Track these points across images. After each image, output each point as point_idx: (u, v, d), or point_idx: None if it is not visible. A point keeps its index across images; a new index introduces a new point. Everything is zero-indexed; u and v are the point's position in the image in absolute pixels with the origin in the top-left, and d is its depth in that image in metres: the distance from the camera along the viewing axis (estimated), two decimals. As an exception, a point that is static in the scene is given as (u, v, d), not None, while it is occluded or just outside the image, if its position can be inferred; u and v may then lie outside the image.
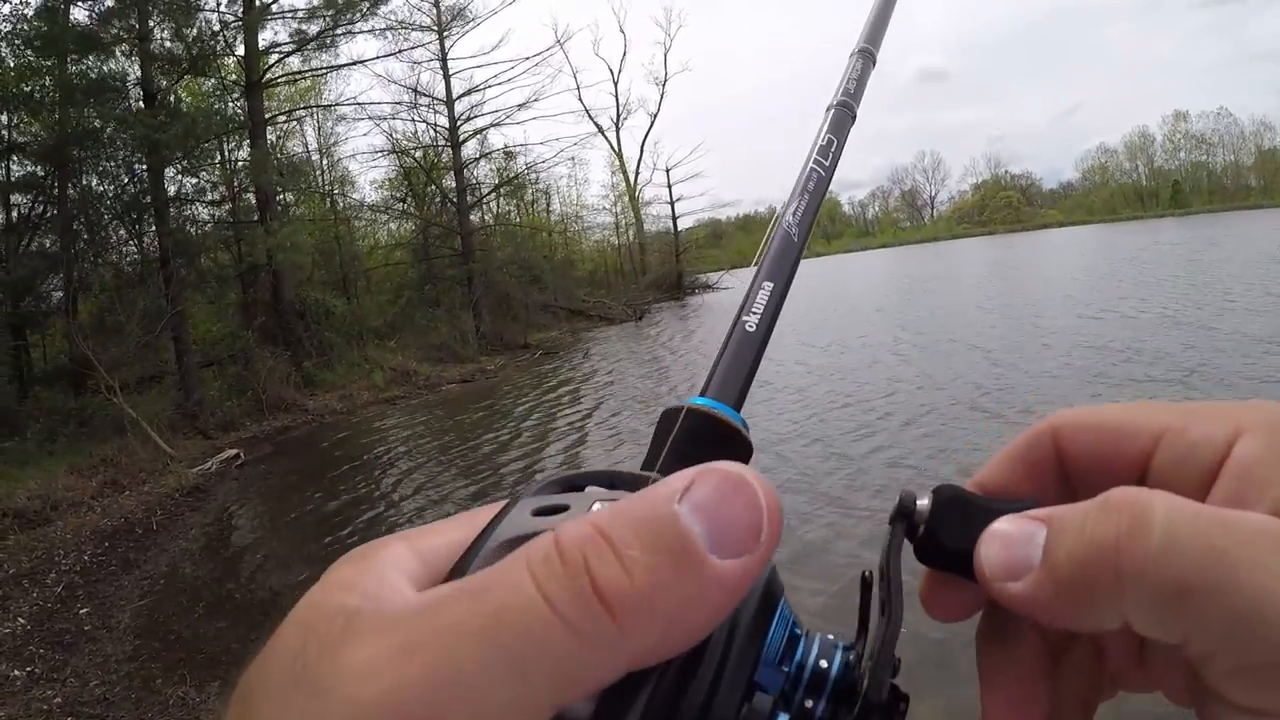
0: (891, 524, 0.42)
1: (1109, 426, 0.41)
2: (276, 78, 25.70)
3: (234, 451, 15.14)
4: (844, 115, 0.74)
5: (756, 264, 0.56)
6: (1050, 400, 11.29)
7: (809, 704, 0.35)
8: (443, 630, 0.28)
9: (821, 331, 21.47)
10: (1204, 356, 12.57)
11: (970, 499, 0.41)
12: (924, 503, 0.42)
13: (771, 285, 0.53)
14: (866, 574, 0.42)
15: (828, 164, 0.66)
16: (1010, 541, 0.36)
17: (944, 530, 0.41)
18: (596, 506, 0.35)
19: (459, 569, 0.34)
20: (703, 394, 0.48)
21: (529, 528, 0.35)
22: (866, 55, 0.85)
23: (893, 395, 13.00)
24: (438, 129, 34.39)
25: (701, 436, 0.45)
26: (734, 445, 0.46)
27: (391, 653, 0.27)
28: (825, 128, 0.72)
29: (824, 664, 0.36)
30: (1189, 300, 18.37)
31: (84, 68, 18.83)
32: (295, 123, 31.22)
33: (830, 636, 0.37)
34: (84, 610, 8.53)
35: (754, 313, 0.51)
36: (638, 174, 57.49)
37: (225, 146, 23.80)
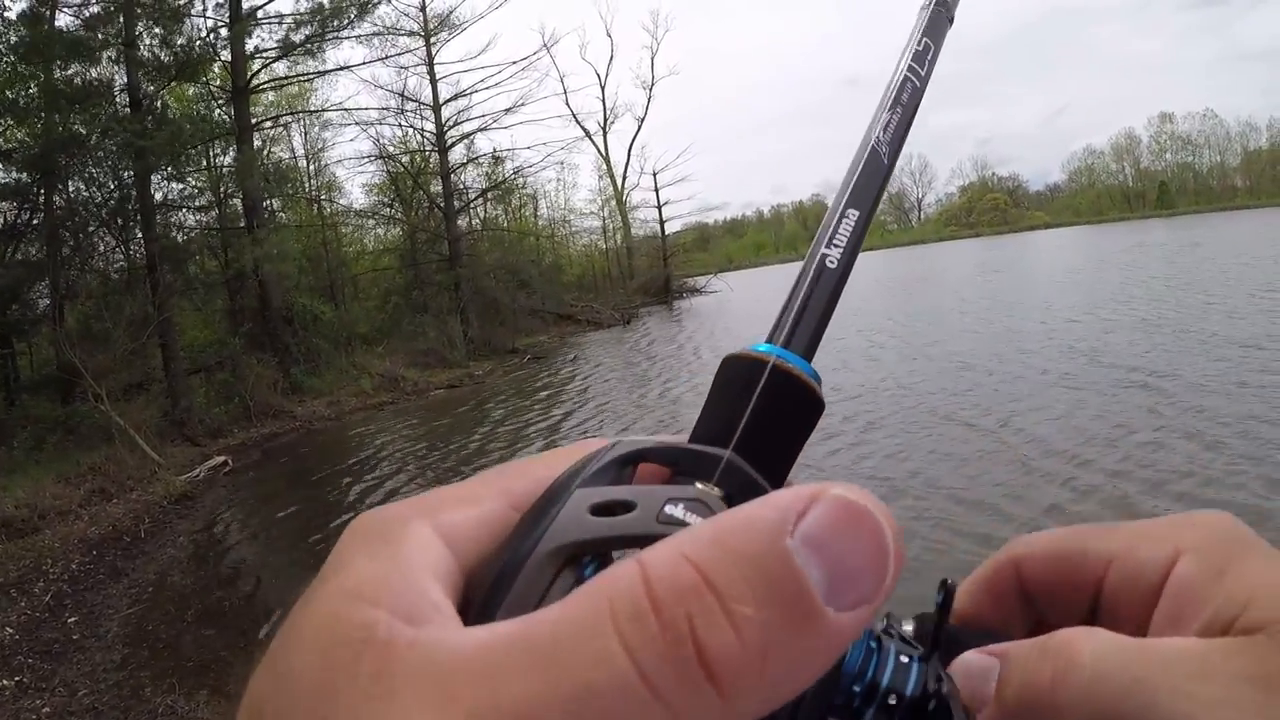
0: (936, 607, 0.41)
1: (1064, 555, 0.43)
2: (263, 83, 25.66)
3: (222, 458, 15.12)
4: (940, 16, 0.66)
5: (841, 190, 0.47)
6: (1015, 405, 11.50)
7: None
8: (512, 712, 0.22)
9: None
10: (1173, 361, 12.80)
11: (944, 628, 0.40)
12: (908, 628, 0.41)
13: (857, 213, 0.45)
14: (949, 581, 0.40)
15: (923, 72, 0.58)
16: (970, 675, 0.39)
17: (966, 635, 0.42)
18: (670, 510, 0.30)
19: (501, 582, 0.30)
20: (771, 340, 0.39)
21: (591, 533, 0.30)
22: None
23: (858, 398, 13.20)
24: (425, 134, 34.39)
25: (774, 397, 0.36)
26: (812, 411, 0.37)
27: (460, 684, 0.23)
28: (920, 30, 0.64)
29: (897, 684, 0.36)
30: (1167, 304, 18.61)
31: (70, 74, 18.78)
32: (282, 128, 31.22)
33: (904, 660, 0.37)
34: (72, 619, 8.50)
35: (836, 245, 0.42)
36: (625, 178, 57.71)
37: (211, 152, 23.77)
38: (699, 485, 0.32)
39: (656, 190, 53.07)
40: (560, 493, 0.32)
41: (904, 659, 0.36)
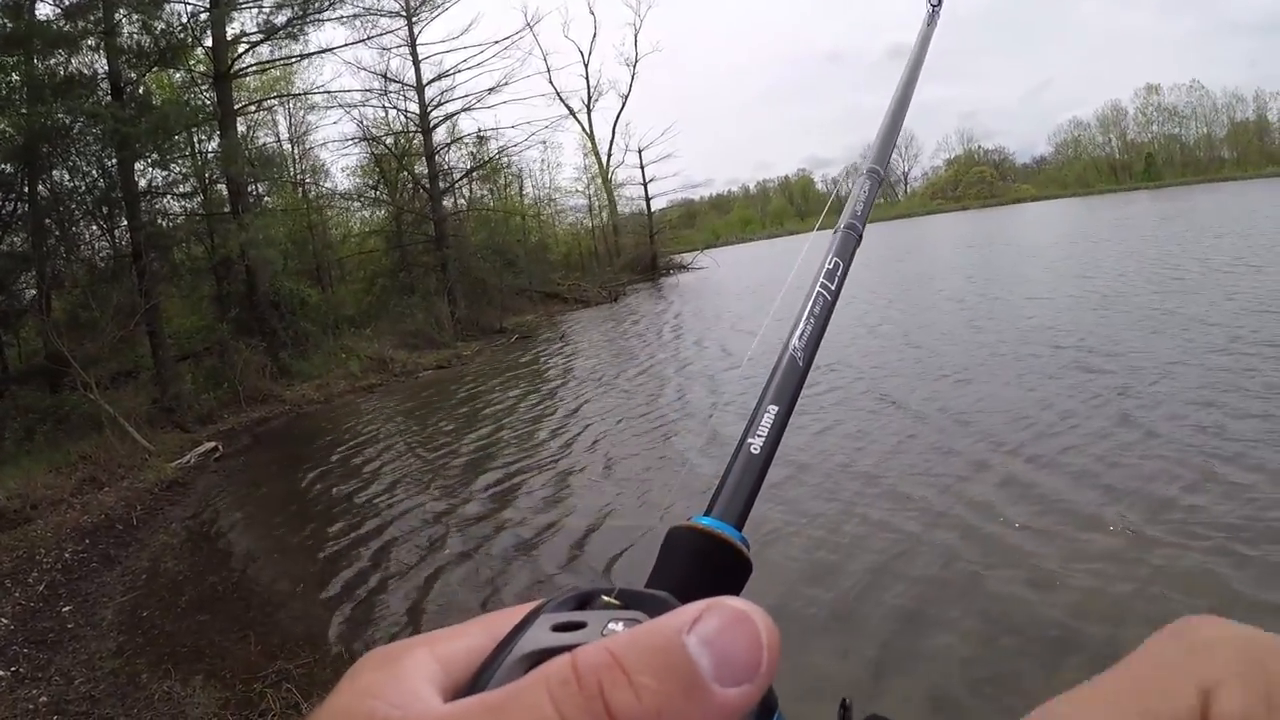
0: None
1: None
2: (246, 68, 25.47)
3: (212, 444, 15.20)
4: (850, 238, 0.79)
5: (764, 388, 0.59)
6: (950, 384, 11.74)
7: None
8: None
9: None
10: (1122, 341, 13.02)
11: None
12: None
13: (776, 409, 0.56)
14: (846, 701, 0.49)
15: (834, 288, 0.70)
16: None
17: None
18: (611, 626, 0.38)
19: (480, 680, 0.37)
20: (708, 513, 0.51)
21: (548, 643, 0.37)
22: (874, 175, 0.95)
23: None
24: (408, 115, 34.35)
25: (707, 556, 0.49)
26: (736, 566, 0.49)
27: None
28: (832, 250, 0.75)
29: None
30: (1139, 279, 18.85)
31: (52, 63, 18.71)
32: (265, 113, 31.15)
33: None
34: (66, 608, 8.55)
35: (759, 435, 0.54)
36: (610, 156, 57.68)
37: (195, 138, 23.70)
38: (640, 613, 0.38)
39: (642, 167, 53.14)
40: (531, 618, 0.39)
41: None
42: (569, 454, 11.58)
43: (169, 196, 22.86)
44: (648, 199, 53.21)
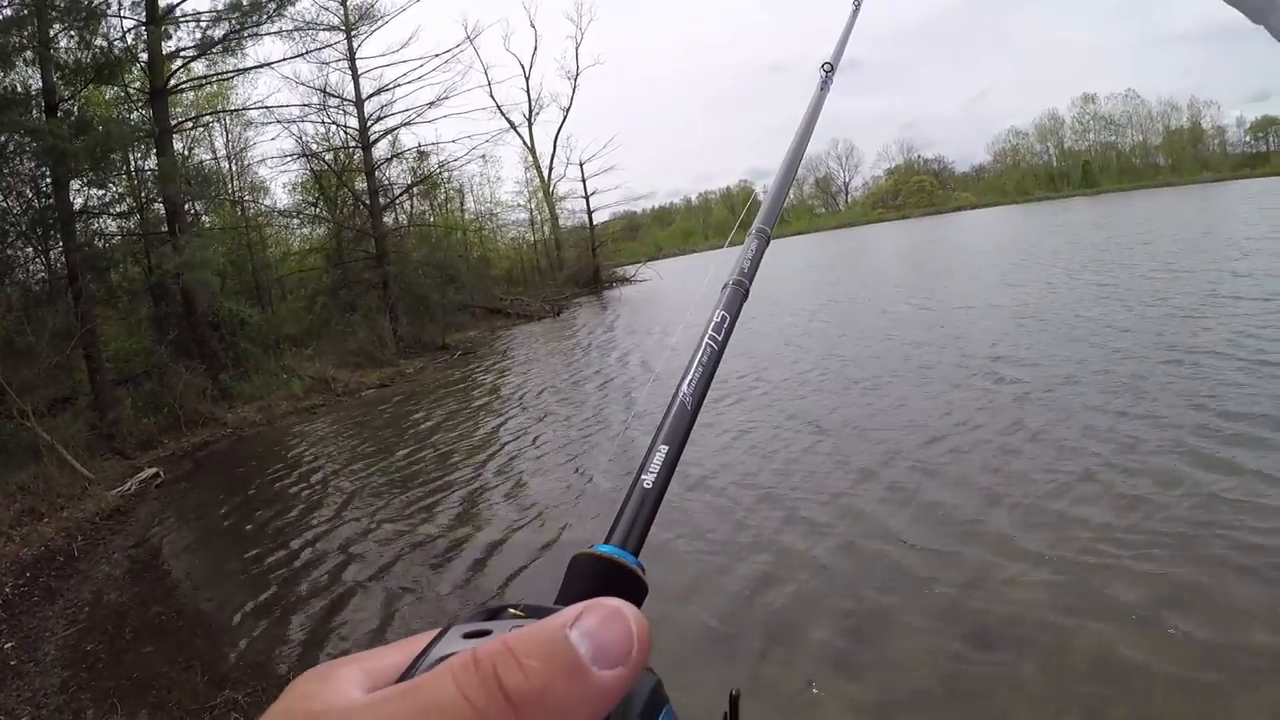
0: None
1: None
2: (182, 83, 25.23)
3: (153, 470, 15.02)
4: (738, 293, 0.84)
5: (657, 428, 0.66)
6: (859, 393, 11.95)
7: None
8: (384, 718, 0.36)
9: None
10: (1031, 350, 13.46)
11: None
12: None
13: (666, 448, 0.63)
14: (734, 692, 0.56)
15: (721, 339, 0.76)
16: None
17: None
18: (514, 631, 0.41)
19: (402, 680, 0.43)
20: (607, 540, 0.57)
21: (458, 648, 0.43)
22: (762, 235, 0.99)
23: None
24: (348, 130, 33.99)
25: (607, 580, 0.54)
26: (632, 586, 0.55)
27: None
28: (720, 305, 0.81)
29: None
30: (1064, 288, 19.32)
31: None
32: (203, 129, 30.79)
33: None
34: (9, 644, 8.43)
35: (651, 472, 0.60)
36: (551, 169, 57.80)
37: (132, 156, 23.40)
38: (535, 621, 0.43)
39: (584, 180, 53.25)
40: (445, 631, 0.45)
41: None
42: (505, 474, 11.64)
43: (105, 216, 22.56)
44: (589, 212, 53.32)
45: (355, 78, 33.25)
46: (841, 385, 13.30)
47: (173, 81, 24.03)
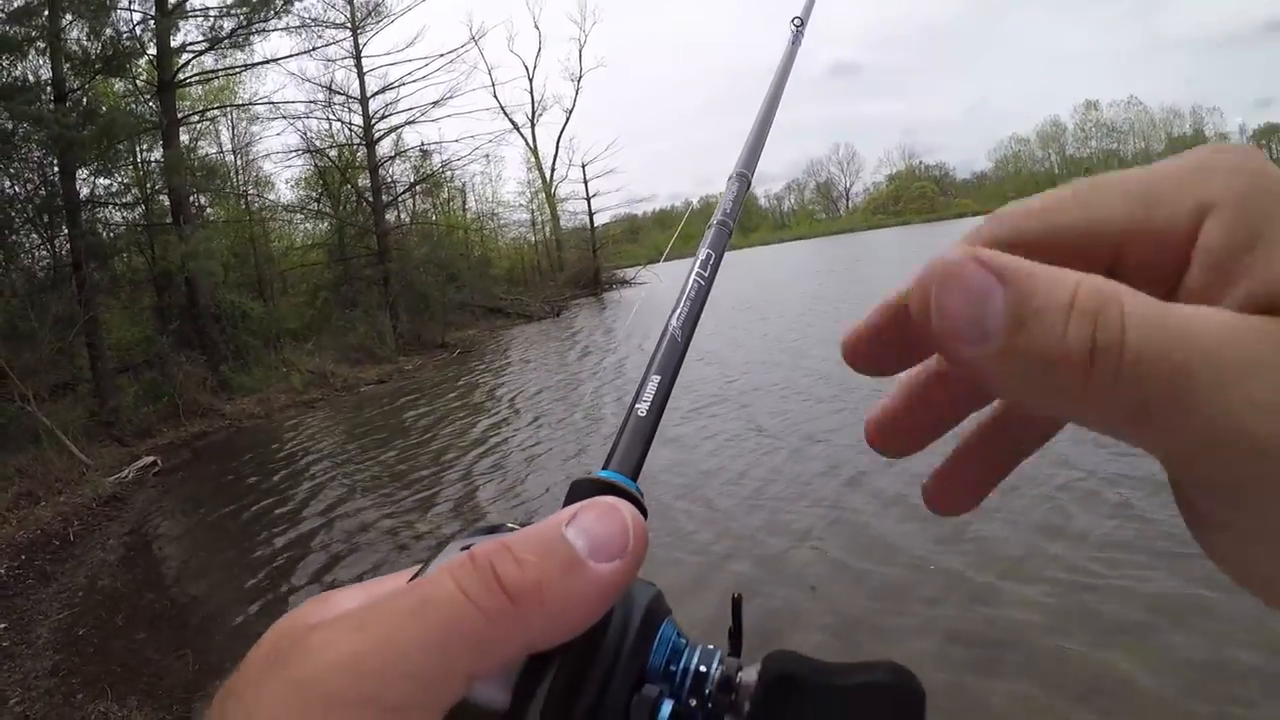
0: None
1: (1065, 234, 0.35)
2: (189, 77, 25.36)
3: (151, 459, 15.09)
4: (723, 232, 0.88)
5: (649, 362, 0.67)
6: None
7: (692, 701, 0.44)
8: (384, 614, 0.36)
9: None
10: None
11: (808, 679, 0.42)
12: (750, 675, 0.46)
13: (659, 378, 0.65)
14: (736, 595, 0.56)
15: (707, 275, 0.79)
16: (970, 296, 0.30)
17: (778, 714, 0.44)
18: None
19: None
20: (605, 467, 0.58)
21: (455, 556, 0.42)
22: (743, 179, 1.02)
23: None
24: (352, 127, 34.20)
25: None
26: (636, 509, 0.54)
27: (345, 630, 0.36)
28: (706, 243, 0.84)
29: (703, 668, 0.45)
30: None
31: (-2, 69, 18.55)
32: (209, 123, 30.79)
33: (710, 647, 0.48)
34: (1, 626, 8.44)
35: (645, 400, 0.62)
36: (553, 170, 57.84)
37: (138, 148, 23.47)
38: None
39: (585, 182, 53.39)
40: (443, 545, 0.46)
41: (710, 648, 0.48)
42: (499, 472, 11.71)
43: (110, 206, 22.66)
44: (590, 213, 53.51)
45: (360, 75, 33.45)
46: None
47: (180, 75, 24.15)
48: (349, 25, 32.07)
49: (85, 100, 20.55)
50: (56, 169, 19.41)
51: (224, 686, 0.37)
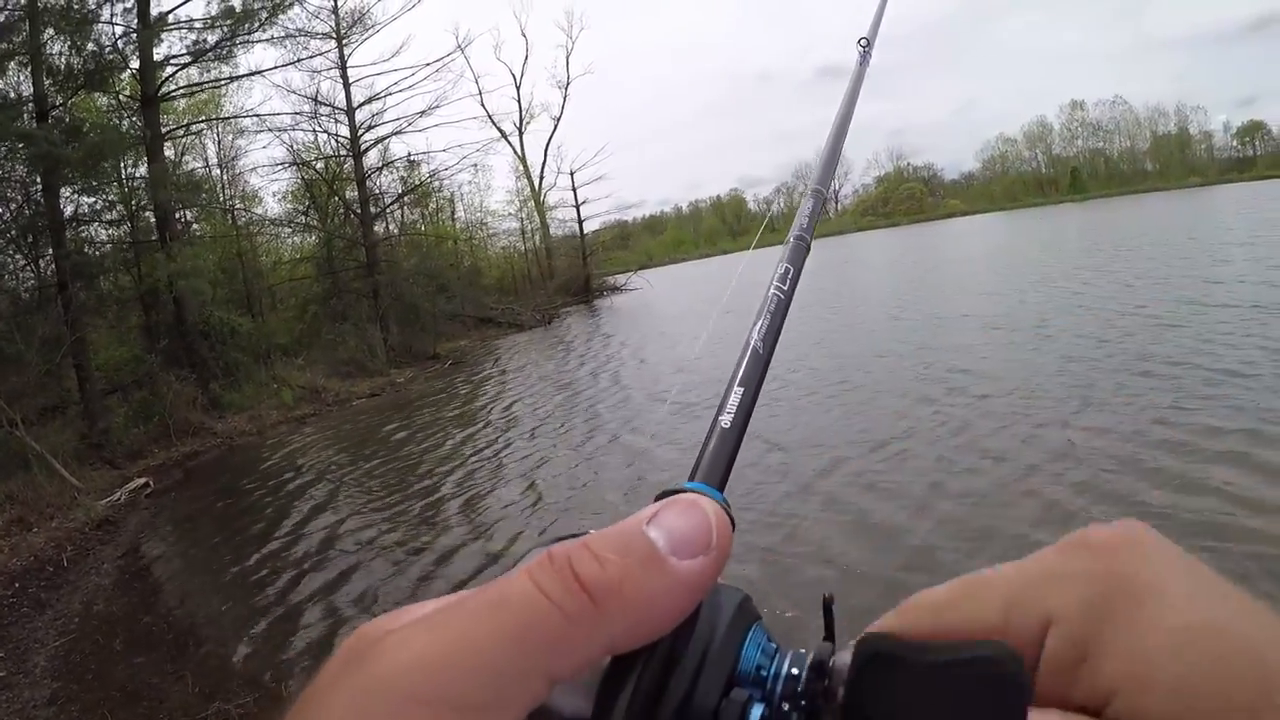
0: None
1: (951, 628, 0.41)
2: (173, 91, 25.18)
3: (143, 480, 14.99)
4: (799, 246, 0.88)
5: (732, 375, 0.67)
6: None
7: (785, 705, 0.42)
8: (459, 613, 0.35)
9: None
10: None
11: (904, 657, 0.39)
12: (844, 658, 0.44)
13: (742, 390, 0.65)
14: (827, 595, 0.54)
15: (787, 288, 0.79)
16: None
17: (872, 705, 0.40)
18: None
19: None
20: (691, 479, 0.55)
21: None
22: (818, 195, 1.02)
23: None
24: (339, 139, 33.96)
25: None
26: None
27: (420, 630, 0.35)
28: (785, 257, 0.84)
29: (795, 670, 0.43)
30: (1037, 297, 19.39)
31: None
32: (194, 137, 30.67)
33: (802, 651, 0.45)
34: None
35: (729, 413, 0.61)
36: (542, 178, 57.95)
37: (123, 164, 23.30)
38: None
39: (574, 189, 53.40)
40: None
41: (802, 651, 0.45)
42: (495, 486, 11.67)
43: (96, 224, 22.46)
44: (580, 221, 53.47)
45: (346, 86, 33.29)
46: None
47: (164, 89, 23.95)
48: (334, 36, 31.91)
49: (68, 117, 20.34)
50: (40, 187, 19.18)
51: (301, 694, 0.37)
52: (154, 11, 22.31)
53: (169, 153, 25.56)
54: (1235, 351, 11.48)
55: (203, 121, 30.07)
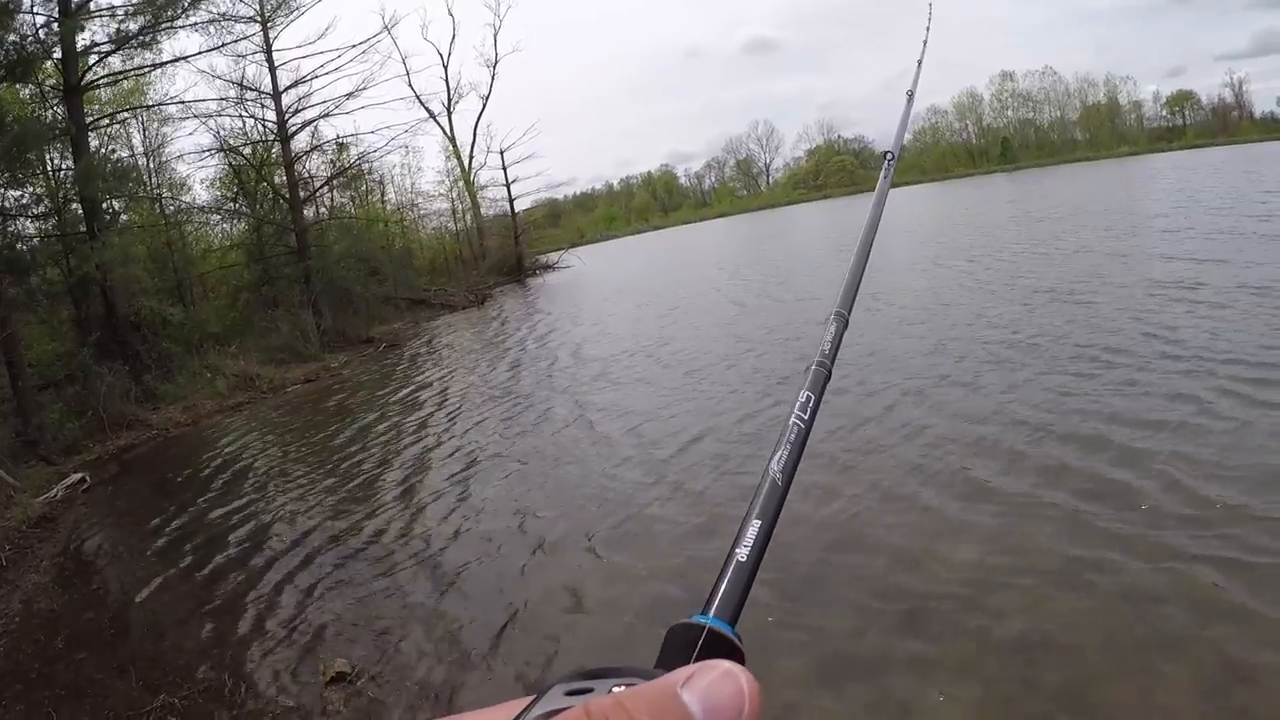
0: None
1: None
2: (97, 79, 24.85)
3: (79, 476, 15.00)
4: (820, 373, 0.88)
5: (750, 504, 0.68)
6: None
7: None
8: None
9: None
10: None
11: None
12: None
13: (760, 523, 0.65)
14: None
15: (807, 418, 0.78)
16: None
17: None
18: (615, 689, 0.44)
19: None
20: (704, 612, 0.58)
21: (561, 704, 0.44)
22: (840, 318, 1.03)
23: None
24: (266, 124, 33.63)
25: (704, 646, 0.55)
26: (729, 655, 0.53)
27: None
28: (805, 385, 0.84)
29: None
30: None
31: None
32: (119, 126, 30.24)
33: None
34: None
35: (745, 545, 0.62)
36: (472, 158, 57.47)
37: (48, 155, 23.07)
38: (640, 679, 0.46)
39: (505, 168, 53.14)
40: (545, 690, 0.47)
41: None
42: (435, 468, 12.01)
43: (23, 218, 22.24)
44: (511, 200, 53.28)
45: (272, 70, 32.97)
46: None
47: (88, 78, 23.71)
48: (259, 19, 31.61)
49: (-10, 110, 20.11)
50: (-36, 183, 19.03)
51: None
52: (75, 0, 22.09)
53: (94, 142, 25.26)
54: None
55: (127, 110, 29.69)
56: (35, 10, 21.25)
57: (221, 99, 32.02)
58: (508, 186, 53.01)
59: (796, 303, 20.54)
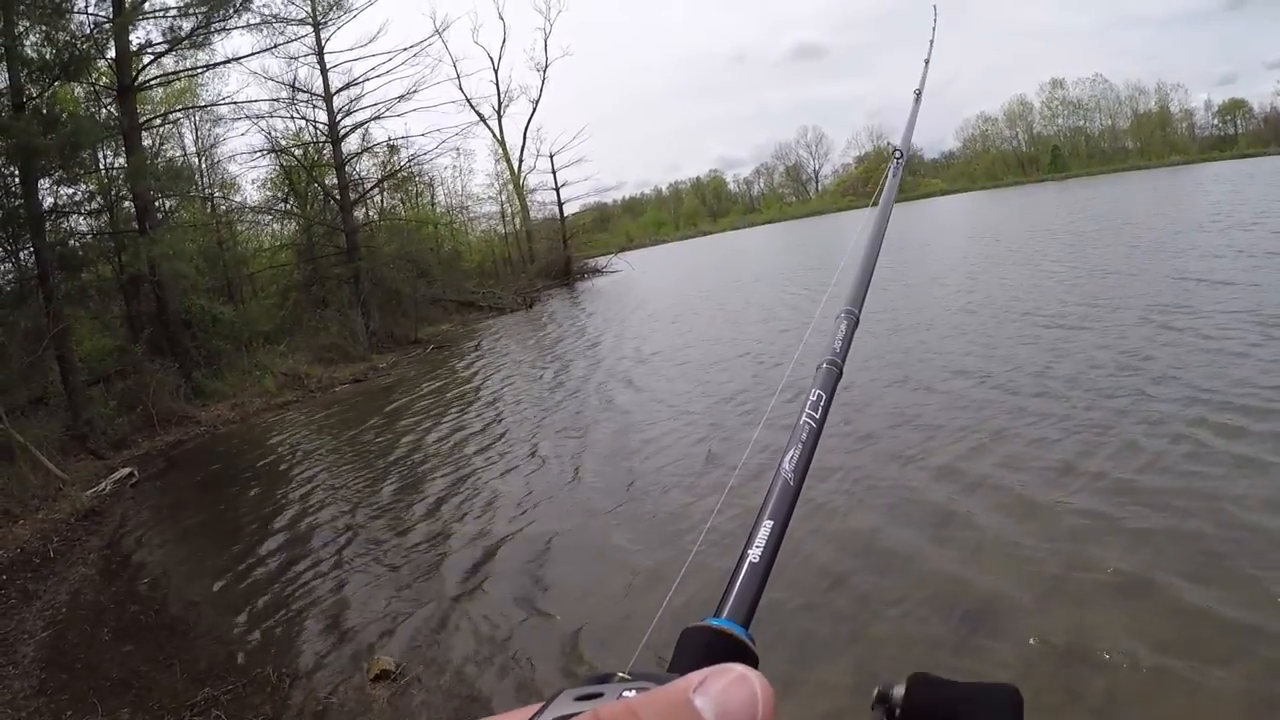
0: (872, 709, 0.57)
1: None
2: (150, 80, 25.03)
3: (127, 470, 15.01)
4: (831, 372, 0.88)
5: (761, 505, 0.67)
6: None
7: None
8: None
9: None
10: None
11: (939, 682, 0.54)
12: (899, 690, 0.55)
13: (771, 523, 0.65)
14: (879, 690, 0.59)
15: (818, 417, 0.79)
16: None
17: (920, 712, 0.53)
18: (625, 694, 0.43)
19: None
20: (717, 614, 0.58)
21: (571, 710, 0.42)
22: (850, 316, 1.03)
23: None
24: (317, 125, 33.77)
25: (717, 651, 0.55)
26: (742, 657, 0.55)
27: None
28: (815, 385, 0.84)
29: None
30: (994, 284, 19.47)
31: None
32: (172, 126, 30.44)
33: None
34: None
35: (757, 547, 0.62)
36: (521, 161, 57.74)
37: (101, 154, 23.22)
38: (650, 683, 0.45)
39: (554, 172, 53.34)
40: (555, 696, 0.45)
41: None
42: (484, 469, 11.72)
43: (75, 215, 22.33)
44: (560, 204, 53.54)
45: (324, 72, 33.10)
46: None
47: (140, 78, 23.83)
48: (310, 21, 31.76)
49: (45, 108, 20.19)
50: (18, 179, 19.09)
51: None
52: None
53: (147, 141, 25.40)
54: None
55: (179, 110, 29.91)
56: (90, 11, 21.36)
57: (274, 100, 32.30)
58: (557, 190, 53.27)
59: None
